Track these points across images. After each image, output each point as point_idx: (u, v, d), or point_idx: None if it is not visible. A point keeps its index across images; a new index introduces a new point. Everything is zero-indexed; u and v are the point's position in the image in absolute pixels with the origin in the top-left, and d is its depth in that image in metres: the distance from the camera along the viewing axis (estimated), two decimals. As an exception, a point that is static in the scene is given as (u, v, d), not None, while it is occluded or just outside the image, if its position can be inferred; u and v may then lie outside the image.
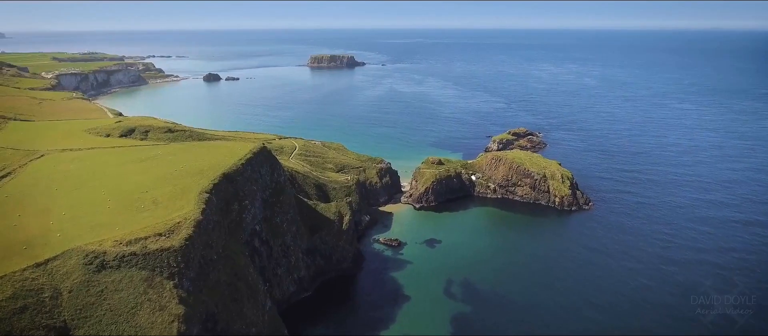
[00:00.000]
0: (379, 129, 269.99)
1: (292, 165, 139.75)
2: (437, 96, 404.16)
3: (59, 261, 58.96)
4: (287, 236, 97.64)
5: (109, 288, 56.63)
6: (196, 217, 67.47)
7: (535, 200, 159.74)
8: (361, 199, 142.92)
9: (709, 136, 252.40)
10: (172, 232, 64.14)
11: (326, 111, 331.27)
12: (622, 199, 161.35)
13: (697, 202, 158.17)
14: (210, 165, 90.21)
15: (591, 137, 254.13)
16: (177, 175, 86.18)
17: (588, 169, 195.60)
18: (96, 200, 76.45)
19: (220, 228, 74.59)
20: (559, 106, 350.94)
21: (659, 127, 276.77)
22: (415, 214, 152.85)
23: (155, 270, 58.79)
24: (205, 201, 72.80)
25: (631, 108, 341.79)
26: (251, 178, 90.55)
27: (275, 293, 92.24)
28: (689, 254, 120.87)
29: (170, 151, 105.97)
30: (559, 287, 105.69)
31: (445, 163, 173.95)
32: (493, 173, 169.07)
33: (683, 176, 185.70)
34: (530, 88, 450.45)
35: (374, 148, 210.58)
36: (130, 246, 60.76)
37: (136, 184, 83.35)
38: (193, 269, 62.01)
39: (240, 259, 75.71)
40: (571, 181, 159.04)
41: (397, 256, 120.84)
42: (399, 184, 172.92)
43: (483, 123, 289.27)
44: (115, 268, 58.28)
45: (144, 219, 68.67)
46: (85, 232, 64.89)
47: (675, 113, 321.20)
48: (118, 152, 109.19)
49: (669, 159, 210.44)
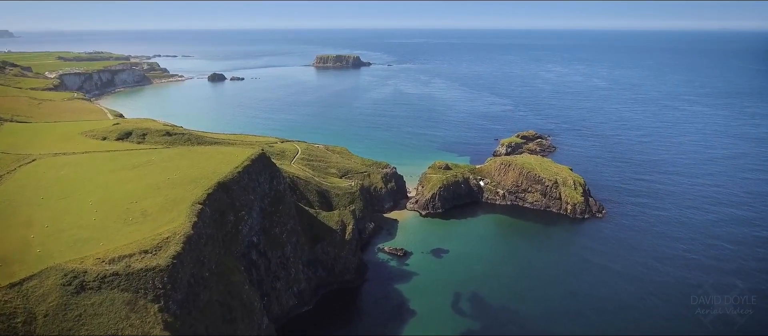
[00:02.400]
0: (384, 133, 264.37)
1: (293, 170, 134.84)
2: (444, 97, 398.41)
3: (36, 281, 54.12)
4: (287, 248, 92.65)
5: (88, 312, 51.77)
6: (186, 232, 62.50)
7: (546, 207, 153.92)
8: (365, 205, 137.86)
9: (724, 141, 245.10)
10: (159, 248, 59.21)
11: (330, 113, 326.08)
12: (636, 206, 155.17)
13: (715, 212, 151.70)
14: (206, 173, 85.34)
15: (601, 141, 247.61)
16: (170, 183, 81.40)
17: (599, 174, 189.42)
18: (83, 211, 71.76)
19: (213, 242, 69.64)
20: (567, 108, 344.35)
21: (671, 131, 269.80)
22: (421, 222, 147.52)
23: (139, 292, 53.89)
24: (198, 213, 67.87)
25: (641, 110, 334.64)
26: (249, 187, 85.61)
27: (273, 308, 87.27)
28: (708, 265, 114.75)
29: (166, 157, 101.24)
30: (575, 305, 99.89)
31: (453, 168, 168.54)
32: (502, 179, 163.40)
33: (698, 183, 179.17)
34: (538, 90, 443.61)
35: (379, 152, 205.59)
36: (113, 265, 55.89)
37: (126, 193, 78.65)
38: (181, 290, 57.03)
39: (235, 276, 70.73)
40: (583, 188, 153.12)
41: (403, 267, 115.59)
42: (405, 190, 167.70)
43: (490, 126, 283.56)
44: (95, 290, 53.43)
45: (131, 233, 63.83)
46: (66, 248, 60.10)
47: (687, 116, 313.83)
48: (111, 157, 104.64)
49: (683, 165, 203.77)
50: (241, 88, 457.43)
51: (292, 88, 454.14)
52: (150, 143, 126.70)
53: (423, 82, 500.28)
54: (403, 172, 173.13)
